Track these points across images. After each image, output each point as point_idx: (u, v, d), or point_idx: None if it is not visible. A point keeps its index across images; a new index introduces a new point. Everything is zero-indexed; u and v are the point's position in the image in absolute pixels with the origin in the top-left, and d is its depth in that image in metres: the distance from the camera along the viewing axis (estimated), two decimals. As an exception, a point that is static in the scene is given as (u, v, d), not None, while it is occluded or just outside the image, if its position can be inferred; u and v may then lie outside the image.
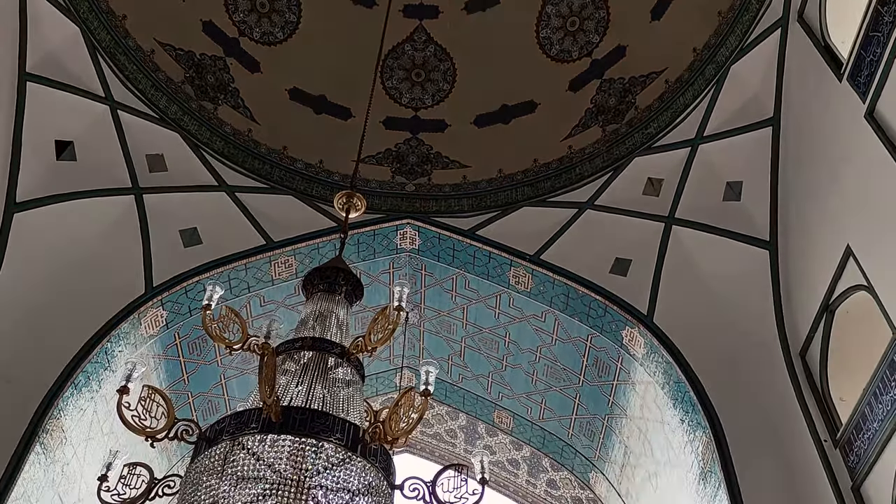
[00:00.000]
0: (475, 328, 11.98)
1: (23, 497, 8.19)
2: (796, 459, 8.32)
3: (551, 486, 13.11)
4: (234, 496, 4.98)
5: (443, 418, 13.66)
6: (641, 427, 10.69)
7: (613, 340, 10.51)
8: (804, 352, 8.91)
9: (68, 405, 8.90)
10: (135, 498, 5.31)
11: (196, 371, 10.87)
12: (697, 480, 9.25)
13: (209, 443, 5.14)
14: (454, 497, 5.43)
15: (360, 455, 5.18)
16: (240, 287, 10.56)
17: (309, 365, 5.87)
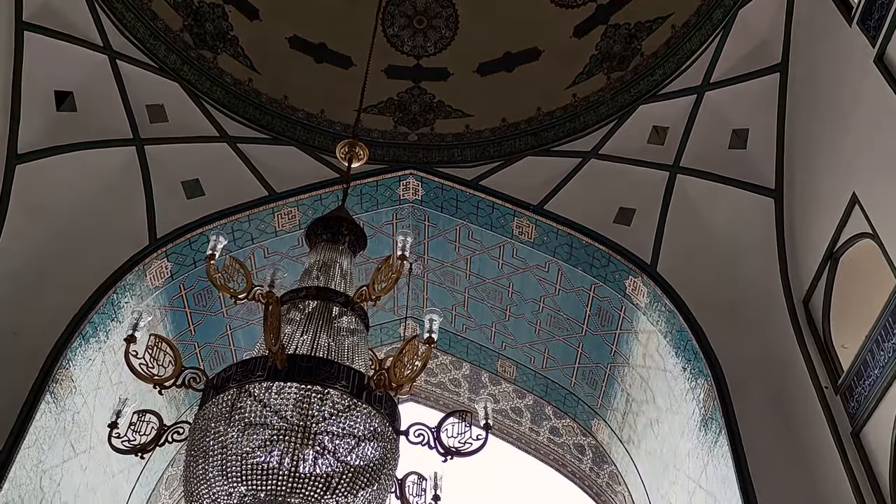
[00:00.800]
0: (479, 279, 12.02)
1: (35, 444, 8.35)
2: (797, 406, 8.41)
3: (554, 433, 13.30)
4: (242, 442, 5.06)
5: (447, 368, 13.81)
6: (643, 375, 10.80)
7: (616, 290, 10.54)
8: (807, 300, 8.94)
9: (77, 355, 9.01)
10: (145, 444, 5.40)
11: (202, 322, 10.96)
12: (698, 427, 9.38)
13: (216, 390, 5.20)
14: (458, 442, 5.50)
15: (366, 402, 5.24)
16: (243, 239, 10.58)
17: (313, 314, 5.91)
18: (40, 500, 8.59)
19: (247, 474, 4.96)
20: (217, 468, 5.00)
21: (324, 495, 5.04)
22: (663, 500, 10.78)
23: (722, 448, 8.59)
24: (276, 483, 4.95)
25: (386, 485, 5.43)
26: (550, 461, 13.62)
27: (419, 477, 5.82)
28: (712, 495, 8.89)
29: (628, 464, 11.87)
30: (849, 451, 7.68)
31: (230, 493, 5.01)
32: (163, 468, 11.60)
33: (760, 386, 8.75)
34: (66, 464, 9.08)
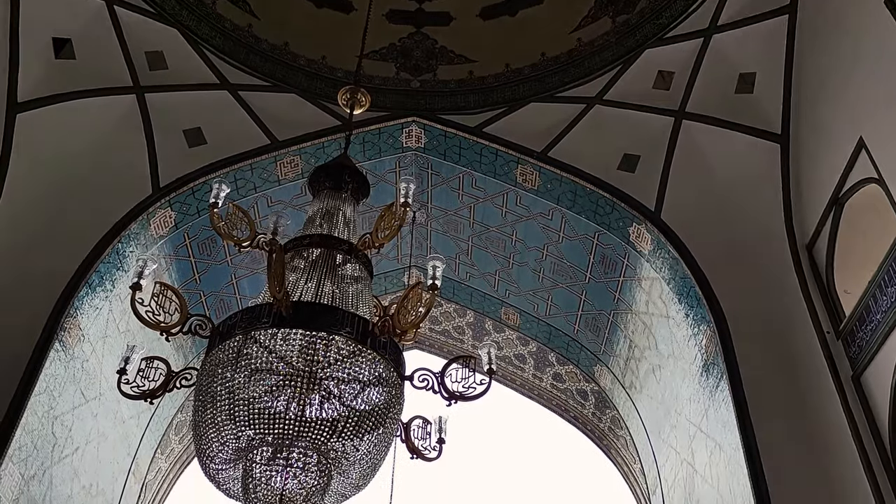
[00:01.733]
0: (482, 227, 12.01)
1: (46, 391, 8.49)
2: (798, 351, 8.49)
3: (557, 379, 13.46)
4: (249, 387, 5.13)
5: (450, 316, 13.90)
6: (646, 322, 10.87)
7: (620, 237, 10.54)
8: (811, 246, 8.94)
9: (84, 304, 9.10)
10: (153, 390, 5.48)
11: (207, 271, 11.02)
12: (700, 372, 9.49)
13: (222, 337, 5.25)
14: (462, 387, 5.58)
15: (370, 348, 5.29)
16: (246, 188, 10.55)
17: (317, 262, 5.92)
18: (53, 445, 8.77)
19: (254, 419, 5.04)
20: (225, 413, 5.08)
21: (330, 439, 5.13)
22: (664, 443, 10.97)
23: (723, 393, 8.69)
24: (282, 427, 5.03)
25: (391, 428, 5.52)
26: (553, 406, 13.81)
27: (424, 421, 5.91)
28: (713, 439, 9.04)
29: (630, 409, 12.04)
30: (849, 395, 7.77)
31: (238, 437, 5.10)
32: (172, 414, 11.81)
33: (762, 332, 8.82)
34: (77, 410, 9.24)
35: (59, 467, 8.96)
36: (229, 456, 5.18)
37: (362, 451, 5.34)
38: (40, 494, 8.55)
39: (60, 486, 9.01)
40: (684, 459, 10.11)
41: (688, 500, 9.96)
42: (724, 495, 8.61)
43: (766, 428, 8.01)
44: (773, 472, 7.71)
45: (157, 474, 12.14)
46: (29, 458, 8.26)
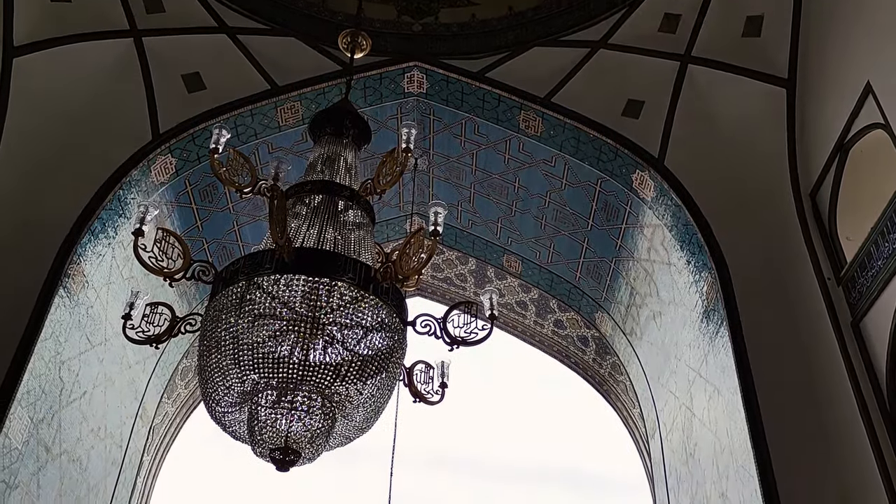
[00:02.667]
0: (484, 174, 11.95)
1: (51, 337, 8.58)
2: (799, 297, 8.53)
3: (558, 326, 13.56)
4: (253, 333, 5.18)
5: (453, 263, 13.94)
6: (648, 269, 10.90)
7: (623, 184, 10.49)
8: (814, 192, 8.90)
9: (86, 251, 9.13)
10: (159, 335, 5.53)
11: (209, 218, 11.01)
12: (700, 319, 9.55)
13: (226, 283, 5.28)
14: (464, 333, 5.62)
15: (373, 293, 5.32)
16: (247, 134, 10.47)
17: (319, 208, 5.92)
18: (60, 389, 8.90)
19: (258, 363, 5.10)
20: (229, 358, 5.14)
21: (333, 383, 5.20)
22: (663, 388, 11.11)
23: (723, 339, 8.77)
24: (286, 371, 5.10)
25: (394, 373, 5.59)
26: (554, 353, 13.94)
27: (427, 366, 5.97)
28: (711, 383, 9.15)
29: (630, 355, 12.16)
30: (848, 342, 7.83)
31: (243, 382, 5.17)
32: (177, 360, 11.95)
33: (763, 278, 8.85)
34: (83, 355, 9.36)
35: (68, 411, 9.11)
36: (235, 399, 5.26)
37: (366, 395, 5.42)
38: (50, 437, 8.72)
39: (69, 430, 9.18)
40: (683, 404, 10.25)
41: (686, 444, 10.14)
42: (721, 438, 8.76)
43: (765, 373, 8.11)
44: (771, 416, 7.83)
45: (163, 418, 12.36)
46: (37, 402, 8.40)
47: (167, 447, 12.99)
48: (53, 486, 8.89)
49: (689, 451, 9.99)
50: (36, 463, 8.46)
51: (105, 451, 10.26)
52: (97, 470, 10.07)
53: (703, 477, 9.35)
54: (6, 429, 7.78)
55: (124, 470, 10.98)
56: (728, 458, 8.50)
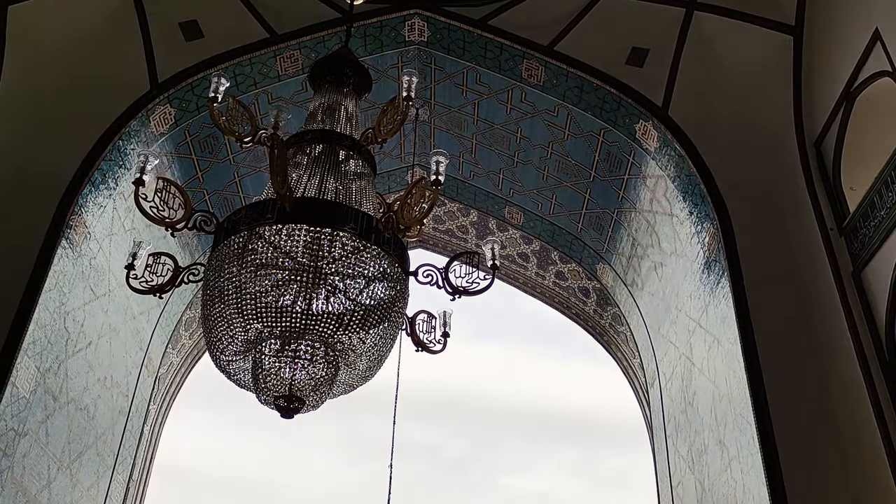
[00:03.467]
0: (486, 124, 11.84)
1: (56, 288, 8.63)
2: (800, 248, 8.53)
3: (559, 277, 13.60)
4: (255, 282, 5.19)
5: (454, 215, 13.92)
6: (650, 220, 10.88)
7: (626, 134, 10.40)
8: (819, 141, 8.83)
9: (88, 202, 9.11)
10: (162, 284, 5.54)
11: (209, 169, 10.96)
12: (701, 269, 9.57)
13: (227, 233, 5.27)
14: (466, 283, 5.64)
15: (374, 244, 5.31)
16: (246, 84, 10.34)
17: (320, 158, 5.86)
18: (66, 339, 8.99)
19: (261, 313, 5.12)
20: (233, 308, 5.16)
21: (336, 332, 5.23)
22: (663, 339, 11.20)
23: (723, 289, 8.80)
24: (289, 321, 5.12)
25: (396, 322, 5.61)
26: (555, 304, 14.02)
27: (429, 315, 6.00)
28: (711, 333, 9.22)
29: (631, 306, 12.23)
30: (848, 292, 7.87)
31: (246, 331, 5.20)
32: (181, 311, 12.03)
33: (765, 229, 8.84)
34: (88, 306, 9.42)
35: (74, 361, 9.21)
36: (239, 348, 5.30)
37: (368, 344, 5.46)
38: (56, 386, 8.84)
39: (76, 379, 9.30)
40: (683, 354, 10.34)
41: (685, 393, 10.27)
42: (720, 387, 8.86)
43: (765, 323, 8.16)
44: (769, 365, 7.91)
45: (169, 368, 12.50)
46: (43, 352, 8.49)
47: (173, 397, 13.17)
48: (62, 434, 9.05)
49: (687, 399, 10.12)
50: (44, 411, 8.59)
51: (112, 400, 10.41)
52: (104, 418, 10.23)
53: (702, 425, 9.48)
54: (13, 378, 7.88)
55: (131, 419, 11.15)
56: (726, 406, 8.61)
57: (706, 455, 9.29)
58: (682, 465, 10.28)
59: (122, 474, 11.06)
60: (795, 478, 7.29)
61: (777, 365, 7.91)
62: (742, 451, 8.08)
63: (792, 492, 7.21)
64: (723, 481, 8.66)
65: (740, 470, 8.13)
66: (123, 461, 11.02)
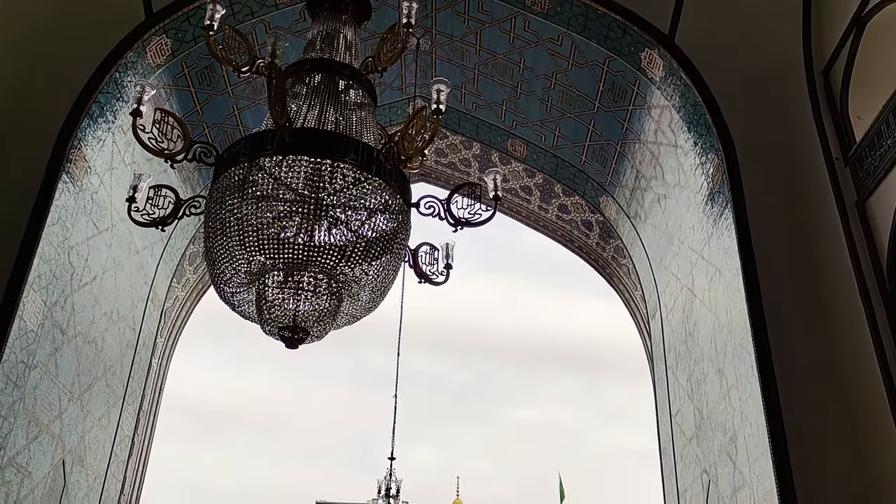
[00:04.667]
0: (489, 54, 11.61)
1: (58, 222, 8.64)
2: (805, 178, 8.47)
3: (562, 210, 13.57)
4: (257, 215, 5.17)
5: (456, 148, 13.80)
6: (654, 151, 10.78)
7: (631, 64, 10.20)
8: (827, 70, 8.67)
9: (87, 136, 9.04)
10: (164, 217, 5.52)
11: (208, 102, 10.82)
12: (705, 201, 9.53)
13: (227, 164, 5.23)
14: (468, 214, 5.61)
15: (376, 175, 5.26)
16: (243, 13, 10.10)
17: (319, 87, 5.76)
18: (71, 274, 9.04)
19: (263, 245, 5.12)
20: (235, 241, 5.15)
21: (338, 263, 5.23)
22: (665, 271, 11.24)
23: (726, 220, 8.78)
24: (292, 253, 5.12)
25: (399, 254, 5.61)
26: (558, 237, 14.03)
27: (431, 247, 5.99)
28: (713, 265, 9.24)
29: (634, 238, 12.23)
30: (852, 222, 7.85)
31: (249, 263, 5.22)
32: (184, 245, 12.07)
33: (770, 159, 8.76)
34: (91, 240, 9.44)
35: (80, 295, 9.29)
36: (242, 280, 5.32)
37: (371, 276, 5.47)
38: (64, 320, 8.94)
39: (82, 313, 9.40)
40: (684, 285, 10.40)
41: (685, 324, 10.36)
42: (720, 318, 8.93)
43: (766, 254, 8.17)
44: (770, 295, 7.95)
45: (174, 302, 12.62)
46: (49, 286, 8.55)
47: (179, 330, 13.34)
48: (71, 366, 9.19)
49: (688, 330, 10.22)
50: (52, 344, 8.70)
51: (119, 333, 10.54)
52: (112, 351, 10.38)
53: (701, 354, 9.60)
54: (21, 311, 7.96)
55: (139, 352, 11.32)
56: (726, 336, 8.69)
57: (705, 384, 9.43)
58: (682, 394, 10.45)
59: (133, 405, 11.30)
60: (793, 406, 7.41)
61: (778, 295, 7.95)
62: (741, 380, 8.20)
63: (789, 419, 7.34)
64: (721, 409, 8.82)
65: (738, 398, 8.26)
66: (133, 393, 11.24)
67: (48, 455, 8.76)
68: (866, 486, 7.06)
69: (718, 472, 8.85)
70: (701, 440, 9.55)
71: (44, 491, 8.71)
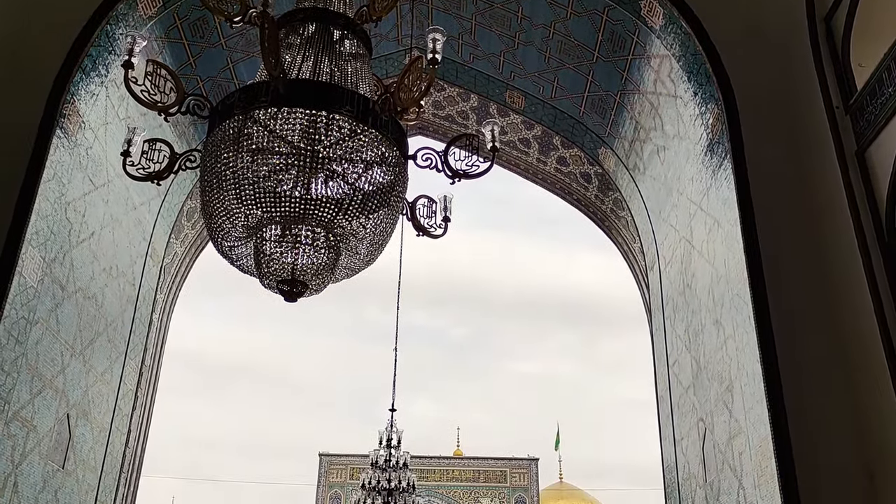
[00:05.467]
0: (486, 3, 11.42)
1: (54, 178, 8.59)
2: (805, 127, 8.41)
3: (561, 162, 13.50)
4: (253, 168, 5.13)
5: (454, 100, 13.66)
6: (653, 102, 10.68)
7: (631, 12, 10.04)
8: (829, 17, 8.53)
9: (80, 90, 8.93)
10: (160, 171, 5.49)
11: (202, 55, 10.67)
12: (704, 152, 9.47)
13: (221, 117, 5.17)
14: (465, 166, 5.58)
15: (372, 126, 5.21)
16: (235, -38, 9.89)
17: (313, 38, 5.67)
18: (69, 230, 9.03)
19: (260, 199, 5.09)
20: (231, 194, 5.12)
21: (336, 217, 5.22)
22: (664, 222, 11.23)
23: (726, 171, 8.74)
24: (289, 206, 5.10)
25: (396, 207, 5.59)
26: (557, 190, 13.99)
27: (429, 200, 5.97)
28: (712, 216, 9.23)
29: (633, 190, 12.19)
30: (851, 171, 7.81)
31: (246, 216, 5.20)
32: (181, 201, 12.03)
33: (770, 109, 8.69)
34: (88, 196, 9.41)
35: (78, 251, 9.29)
36: (240, 234, 5.31)
37: (369, 229, 5.45)
38: (63, 276, 8.96)
39: (82, 269, 9.41)
40: (683, 237, 10.40)
41: (683, 275, 10.39)
42: (718, 269, 8.96)
43: (765, 204, 8.16)
44: (769, 246, 7.96)
45: (173, 258, 12.63)
46: (47, 243, 8.55)
47: (179, 286, 13.39)
48: (72, 322, 9.25)
49: (686, 281, 10.26)
50: (53, 300, 8.74)
51: (119, 289, 10.58)
52: (113, 307, 10.43)
53: (699, 305, 9.65)
54: (20, 268, 7.97)
55: (139, 307, 11.38)
56: (724, 286, 8.73)
57: (702, 335, 9.51)
58: (679, 344, 10.54)
59: (135, 360, 11.40)
60: (789, 355, 7.48)
61: (776, 246, 7.96)
62: (738, 330, 8.26)
63: (785, 367, 7.42)
64: (718, 359, 8.91)
65: (735, 347, 8.33)
66: (135, 348, 11.33)
67: (52, 409, 8.87)
68: (860, 432, 7.17)
69: (714, 420, 8.97)
70: (698, 389, 9.67)
71: (50, 444, 8.84)
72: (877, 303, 7.20)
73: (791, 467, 7.02)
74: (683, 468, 10.25)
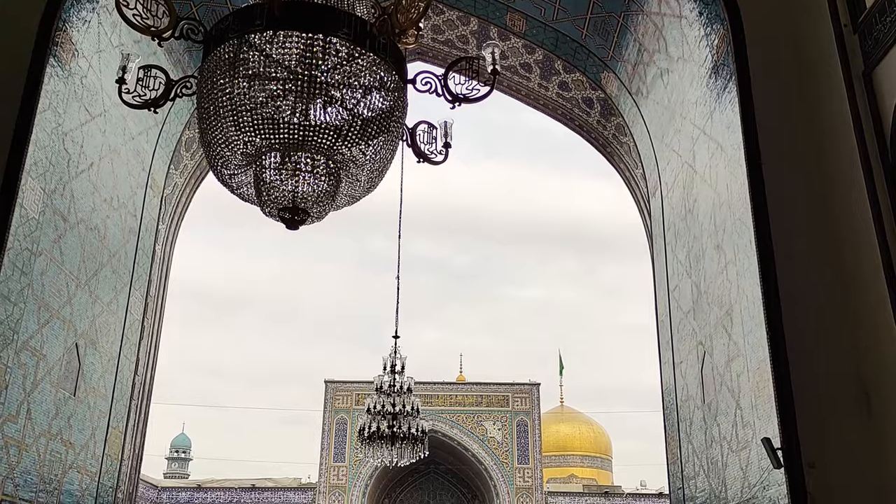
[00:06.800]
0: (486, -79, 11.04)
1: (50, 108, 8.50)
2: (811, 47, 8.24)
3: (563, 88, 13.29)
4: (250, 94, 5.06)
5: (453, 24, 13.35)
6: (657, 23, 10.43)
7: (635, -72, 9.72)
8: (841, -69, 8.24)
9: (71, 17, 8.73)
10: (156, 98, 5.41)
11: (194, -21, 10.39)
12: (709, 74, 9.31)
13: (216, 41, 5.07)
14: (466, 90, 5.50)
15: (370, 50, 5.12)
16: None
17: (308, -43, 5.50)
18: (67, 161, 8.98)
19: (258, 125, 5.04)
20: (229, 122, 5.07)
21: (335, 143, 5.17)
22: (667, 147, 11.13)
23: (730, 94, 8.60)
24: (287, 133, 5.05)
25: (396, 133, 5.54)
26: (558, 115, 13.82)
27: (429, 126, 5.91)
28: (715, 140, 9.14)
29: (635, 115, 12.04)
30: (857, 92, 7.68)
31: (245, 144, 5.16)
32: (179, 131, 11.92)
33: (777, 28, 8.50)
34: (85, 127, 9.32)
35: (78, 182, 9.27)
36: (239, 161, 5.28)
37: (369, 156, 5.41)
38: (64, 207, 8.96)
39: (82, 200, 9.40)
40: (685, 162, 10.33)
41: (685, 200, 10.37)
42: (720, 193, 8.93)
43: (770, 126, 8.07)
44: (772, 169, 7.91)
45: (173, 189, 12.60)
46: (47, 174, 8.52)
47: (181, 216, 13.39)
48: (76, 253, 9.29)
49: (688, 207, 10.24)
50: (55, 231, 8.76)
51: (121, 220, 10.59)
52: (115, 238, 10.47)
53: (701, 231, 9.66)
54: (21, 199, 7.96)
55: (142, 238, 11.41)
56: (726, 211, 8.71)
57: (703, 259, 9.55)
58: (680, 269, 10.60)
59: (140, 290, 11.50)
60: (789, 278, 7.52)
61: (779, 169, 7.91)
62: (739, 254, 8.29)
63: (785, 291, 7.47)
64: (718, 283, 8.97)
65: (736, 272, 8.38)
66: (139, 278, 11.42)
67: (61, 339, 9.01)
68: (858, 354, 7.27)
69: (714, 343, 9.10)
70: (697, 314, 9.77)
71: (60, 373, 9.02)
72: (878, 226, 7.19)
73: (788, 388, 7.15)
74: (682, 390, 10.45)
